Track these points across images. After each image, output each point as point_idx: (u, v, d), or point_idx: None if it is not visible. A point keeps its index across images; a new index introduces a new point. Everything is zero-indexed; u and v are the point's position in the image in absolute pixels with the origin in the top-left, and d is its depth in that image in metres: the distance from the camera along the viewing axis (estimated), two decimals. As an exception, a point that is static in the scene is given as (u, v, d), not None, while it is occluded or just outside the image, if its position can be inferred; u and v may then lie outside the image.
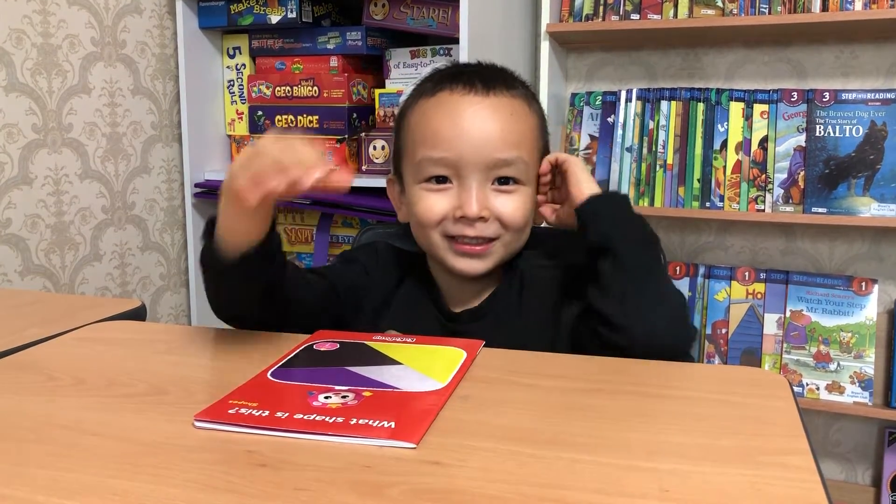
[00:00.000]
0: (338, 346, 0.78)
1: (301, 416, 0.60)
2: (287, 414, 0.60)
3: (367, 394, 0.65)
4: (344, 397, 0.64)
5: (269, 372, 0.70)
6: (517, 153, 0.90)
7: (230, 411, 0.61)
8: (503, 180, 0.90)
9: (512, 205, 0.91)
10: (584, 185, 0.90)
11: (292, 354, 0.75)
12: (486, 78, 0.92)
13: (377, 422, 0.59)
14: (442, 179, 0.90)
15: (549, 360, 0.77)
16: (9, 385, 0.71)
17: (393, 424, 0.58)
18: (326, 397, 0.64)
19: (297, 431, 0.58)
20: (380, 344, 0.78)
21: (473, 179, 0.89)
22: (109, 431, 0.60)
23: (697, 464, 0.54)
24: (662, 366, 0.75)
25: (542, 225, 0.99)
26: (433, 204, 0.90)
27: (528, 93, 0.96)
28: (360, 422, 0.59)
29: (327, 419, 0.59)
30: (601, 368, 0.75)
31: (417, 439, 0.56)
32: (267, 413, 0.60)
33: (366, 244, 1.08)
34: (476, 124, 0.89)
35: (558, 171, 0.94)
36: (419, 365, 0.72)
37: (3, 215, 1.61)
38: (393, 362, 0.73)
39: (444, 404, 0.63)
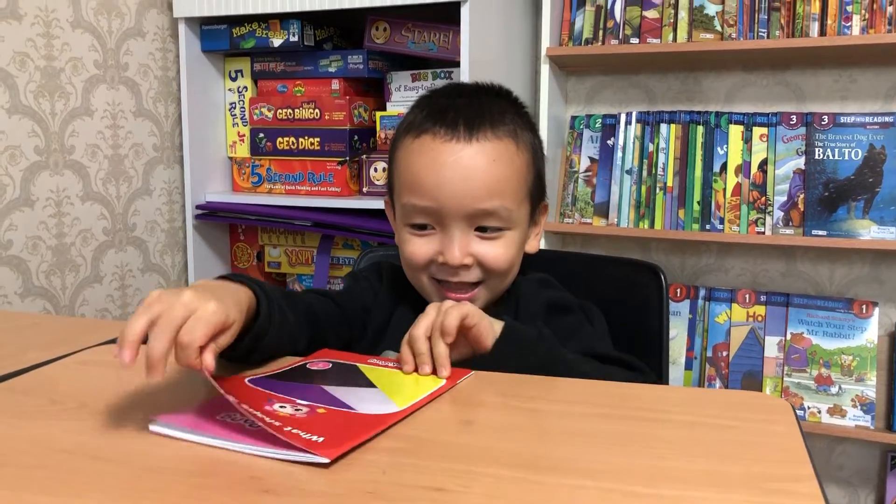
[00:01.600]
0: (329, 366, 0.78)
1: (247, 408, 0.61)
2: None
3: (320, 410, 0.65)
4: (297, 409, 0.64)
5: (248, 378, 0.72)
6: (499, 202, 0.88)
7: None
8: (486, 227, 0.90)
9: (495, 251, 0.90)
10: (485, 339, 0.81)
11: (282, 370, 0.76)
12: (471, 118, 0.89)
13: (308, 434, 0.59)
14: (425, 226, 0.91)
15: (551, 384, 0.77)
16: (11, 408, 0.71)
17: (321, 439, 0.58)
18: (281, 406, 0.65)
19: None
20: (369, 367, 0.78)
21: (456, 228, 0.89)
22: (111, 456, 0.59)
23: (701, 490, 0.53)
24: (665, 390, 0.75)
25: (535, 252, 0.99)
26: (418, 248, 0.91)
27: (518, 126, 0.93)
28: (293, 430, 0.59)
29: (266, 418, 0.60)
30: (603, 392, 0.74)
31: (333, 455, 0.56)
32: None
33: (373, 264, 1.08)
34: (457, 174, 0.87)
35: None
36: (389, 389, 0.72)
37: (4, 237, 1.61)
38: (367, 384, 0.73)
39: (386, 429, 0.62)
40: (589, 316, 0.96)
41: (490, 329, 0.80)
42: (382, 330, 0.98)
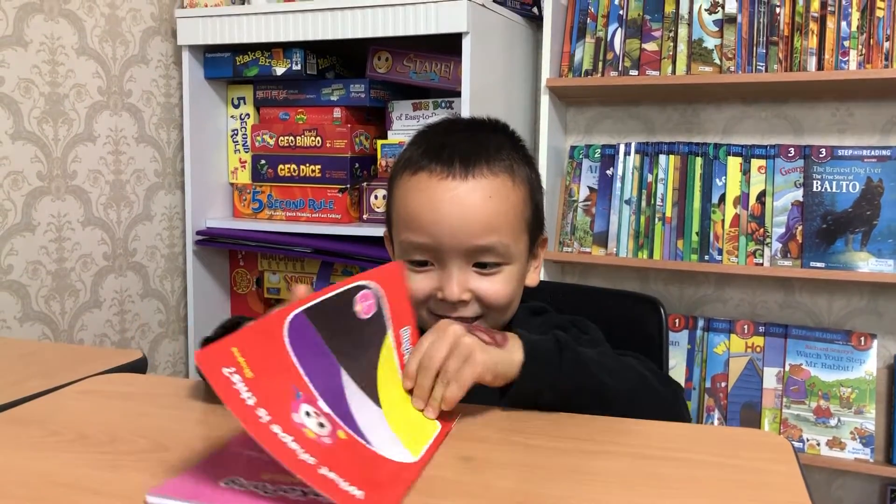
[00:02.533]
0: (372, 313, 0.76)
1: (279, 432, 0.58)
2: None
3: (341, 434, 0.63)
4: (321, 426, 0.62)
5: (289, 317, 0.67)
6: (496, 238, 0.89)
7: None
8: (484, 263, 0.90)
9: (493, 287, 0.90)
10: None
11: (327, 300, 0.72)
12: (467, 155, 0.90)
13: (346, 483, 0.57)
14: (423, 262, 0.91)
15: (552, 419, 0.77)
16: (9, 440, 0.71)
17: (362, 495, 0.56)
18: (307, 414, 0.62)
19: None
20: (385, 360, 0.77)
21: (454, 264, 0.89)
22: (110, 490, 0.59)
23: (702, 531, 0.54)
24: (666, 427, 0.75)
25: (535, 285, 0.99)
26: (417, 284, 0.91)
27: (514, 161, 0.93)
28: (330, 475, 0.57)
29: (300, 452, 0.57)
30: (604, 429, 0.74)
31: None
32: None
33: None
34: (454, 211, 0.88)
35: None
36: (395, 422, 0.71)
37: (4, 262, 1.61)
38: (375, 401, 0.72)
39: (412, 485, 0.61)
40: (583, 329, 0.96)
41: (511, 365, 0.76)
42: None
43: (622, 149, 1.94)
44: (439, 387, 0.74)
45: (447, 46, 1.74)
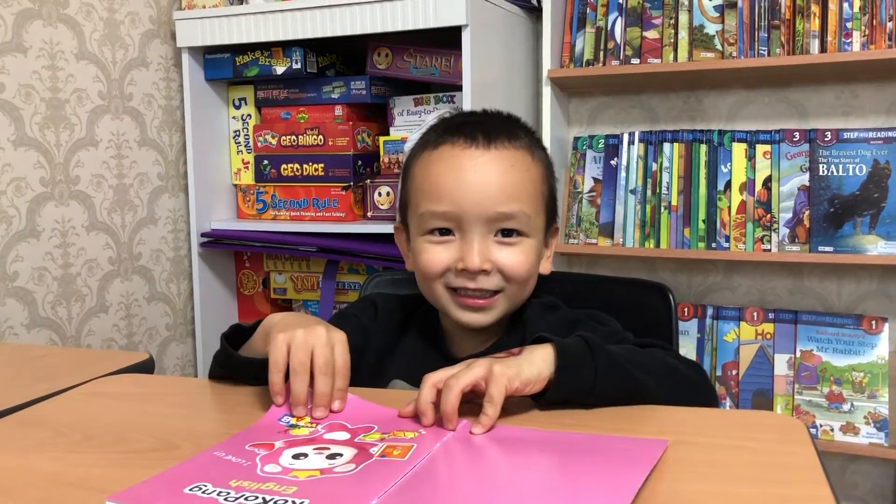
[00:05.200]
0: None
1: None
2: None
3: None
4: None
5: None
6: (518, 206, 0.90)
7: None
8: (506, 232, 0.91)
9: (514, 257, 0.90)
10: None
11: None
12: (489, 130, 0.92)
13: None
14: (445, 231, 0.91)
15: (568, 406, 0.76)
16: (17, 442, 0.71)
17: None
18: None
19: None
20: None
21: (475, 232, 0.89)
22: (118, 489, 0.59)
23: (718, 513, 0.53)
24: (681, 412, 0.74)
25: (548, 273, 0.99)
26: (435, 256, 0.91)
27: (532, 142, 0.96)
28: None
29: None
30: (620, 416, 0.74)
31: None
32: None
33: (364, 299, 1.08)
34: (477, 178, 0.89)
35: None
36: None
37: (10, 268, 1.61)
38: None
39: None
40: (599, 321, 0.95)
41: (535, 370, 0.73)
42: (386, 357, 0.98)
43: (626, 138, 1.93)
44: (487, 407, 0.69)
45: (447, 40, 1.73)
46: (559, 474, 0.62)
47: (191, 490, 0.58)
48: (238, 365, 0.84)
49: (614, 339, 0.88)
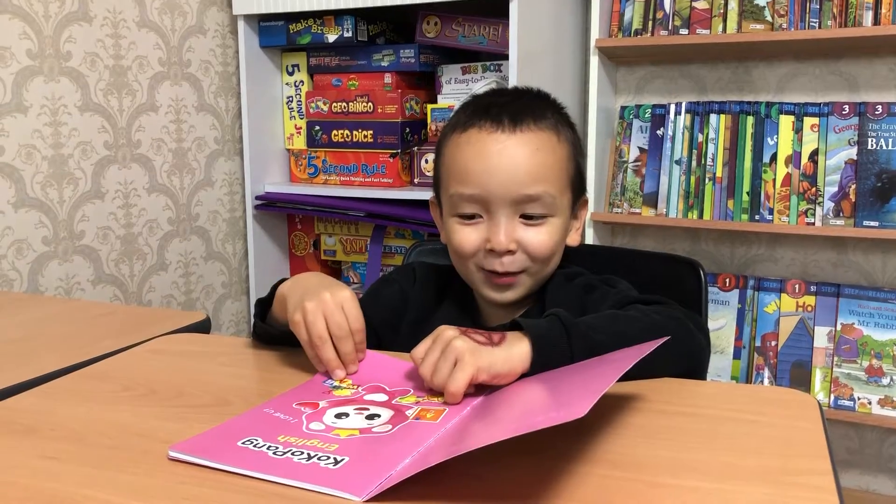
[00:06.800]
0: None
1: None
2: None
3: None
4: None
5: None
6: (543, 188, 0.94)
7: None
8: (531, 214, 0.95)
9: (539, 237, 0.95)
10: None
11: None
12: (514, 113, 0.95)
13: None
14: (472, 216, 0.96)
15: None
16: (88, 394, 0.78)
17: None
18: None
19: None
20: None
21: (502, 214, 0.94)
22: (179, 439, 0.66)
23: (719, 482, 0.57)
24: (697, 385, 0.78)
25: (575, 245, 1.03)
26: (466, 237, 0.96)
27: (558, 121, 0.99)
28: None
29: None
30: (634, 387, 0.78)
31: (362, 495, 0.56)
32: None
33: (405, 266, 1.14)
34: (502, 161, 0.93)
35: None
36: None
37: (77, 228, 1.71)
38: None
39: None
40: (611, 284, 1.00)
41: (508, 367, 0.75)
42: (421, 325, 1.03)
43: (672, 109, 1.93)
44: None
45: (495, 10, 1.75)
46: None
47: (243, 443, 0.64)
48: (271, 340, 0.93)
49: (618, 299, 0.92)
